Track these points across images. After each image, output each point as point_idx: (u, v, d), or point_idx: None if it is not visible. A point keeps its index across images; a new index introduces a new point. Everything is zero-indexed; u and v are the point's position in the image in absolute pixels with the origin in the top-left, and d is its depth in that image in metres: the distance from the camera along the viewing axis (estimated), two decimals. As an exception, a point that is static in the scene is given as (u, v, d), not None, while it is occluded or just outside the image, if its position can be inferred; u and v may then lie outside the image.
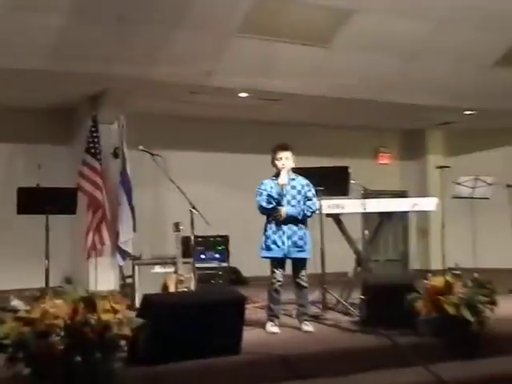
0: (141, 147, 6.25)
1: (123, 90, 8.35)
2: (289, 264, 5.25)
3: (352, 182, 6.40)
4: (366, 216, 6.98)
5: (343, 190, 6.34)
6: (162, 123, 9.64)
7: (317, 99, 8.93)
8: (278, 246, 5.15)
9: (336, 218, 6.52)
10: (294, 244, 5.18)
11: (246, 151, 9.69)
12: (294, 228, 5.19)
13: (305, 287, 5.28)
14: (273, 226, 5.18)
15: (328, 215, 6.38)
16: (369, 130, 11.34)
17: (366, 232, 6.76)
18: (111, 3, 6.62)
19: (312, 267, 5.85)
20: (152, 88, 8.34)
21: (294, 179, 5.33)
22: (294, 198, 5.24)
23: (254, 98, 8.82)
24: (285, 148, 5.32)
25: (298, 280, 5.25)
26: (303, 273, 5.26)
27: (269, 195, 5.18)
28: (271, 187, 5.24)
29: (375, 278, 6.17)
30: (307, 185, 5.37)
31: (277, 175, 5.27)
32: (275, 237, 5.15)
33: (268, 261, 5.26)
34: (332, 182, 6.19)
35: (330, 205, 6.29)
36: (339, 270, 6.74)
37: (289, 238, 5.16)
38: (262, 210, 5.22)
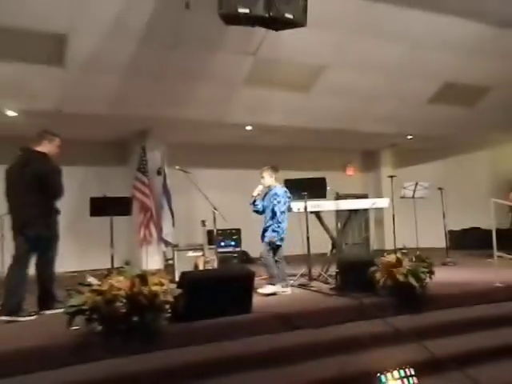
0: (177, 167, 6.24)
1: (163, 126, 8.32)
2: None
3: (328, 188, 6.38)
4: (339, 212, 6.72)
5: (322, 194, 6.34)
6: (192, 149, 9.54)
7: (300, 129, 8.90)
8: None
9: (317, 214, 6.49)
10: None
11: (251, 167, 8.74)
12: None
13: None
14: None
15: (311, 212, 6.34)
16: (339, 150, 11.32)
17: (339, 224, 6.72)
18: (150, 64, 6.54)
19: (301, 249, 5.85)
20: (185, 124, 8.32)
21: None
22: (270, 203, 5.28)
23: (255, 129, 8.79)
24: (264, 170, 5.35)
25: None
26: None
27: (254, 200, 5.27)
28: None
29: (346, 256, 6.17)
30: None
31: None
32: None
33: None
34: (313, 188, 6.21)
35: (312, 205, 6.25)
36: (320, 252, 6.42)
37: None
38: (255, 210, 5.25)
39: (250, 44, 6.55)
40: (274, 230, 5.27)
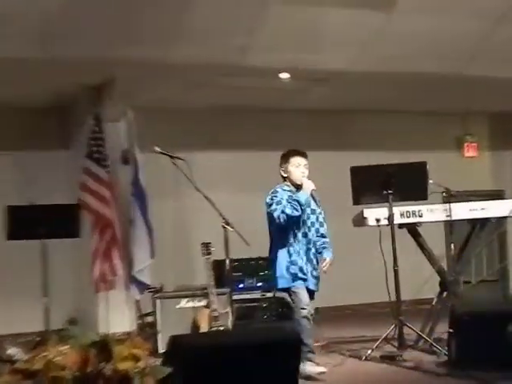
0: (157, 149, 6.16)
1: (131, 78, 8.19)
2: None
3: (430, 182, 6.37)
4: (452, 226, 6.68)
5: (420, 192, 6.34)
6: (183, 118, 9.51)
7: (375, 77, 8.73)
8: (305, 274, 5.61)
9: (412, 229, 6.52)
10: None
11: (284, 147, 9.20)
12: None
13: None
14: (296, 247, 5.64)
15: (401, 226, 6.40)
16: (448, 114, 11.06)
17: (453, 246, 6.71)
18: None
19: (383, 293, 5.90)
20: (169, 74, 8.27)
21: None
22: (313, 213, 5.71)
23: (294, 79, 8.74)
24: (304, 155, 5.73)
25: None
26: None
27: (295, 200, 5.50)
28: (289, 196, 5.63)
29: (467, 306, 6.08)
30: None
31: (295, 186, 5.60)
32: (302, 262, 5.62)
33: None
34: (405, 183, 6.27)
35: (403, 212, 6.30)
36: (418, 297, 6.57)
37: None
38: (287, 218, 5.50)
39: None
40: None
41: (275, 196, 5.60)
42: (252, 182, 9.42)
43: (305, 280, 5.55)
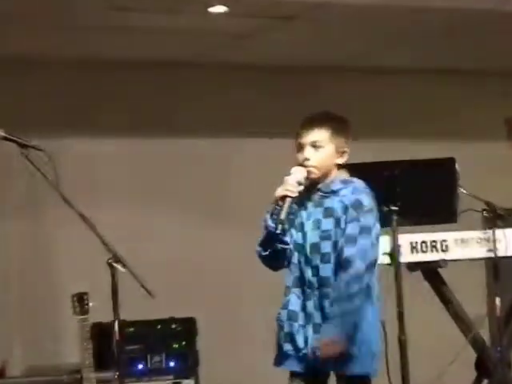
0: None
1: None
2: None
3: (463, 191, 5.94)
4: (497, 266, 6.38)
5: (445, 209, 6.02)
6: (42, 78, 8.77)
7: (375, 13, 8.08)
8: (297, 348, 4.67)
9: (430, 271, 6.04)
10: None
11: (226, 132, 8.88)
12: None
13: None
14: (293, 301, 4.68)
15: (412, 266, 5.90)
16: (487, 77, 10.45)
17: (498, 301, 6.30)
18: None
19: (380, 378, 5.10)
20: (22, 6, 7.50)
21: (333, 192, 4.76)
22: (317, 228, 4.73)
23: (235, 15, 8.10)
24: (312, 123, 4.77)
25: None
26: None
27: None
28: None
29: None
30: (358, 206, 4.71)
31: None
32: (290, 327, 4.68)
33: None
34: (420, 193, 5.94)
35: (416, 243, 5.92)
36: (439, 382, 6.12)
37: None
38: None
39: None
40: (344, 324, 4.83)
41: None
42: (161, 185, 8.77)
43: None
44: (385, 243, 5.65)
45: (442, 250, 6.08)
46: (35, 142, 5.13)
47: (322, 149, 4.72)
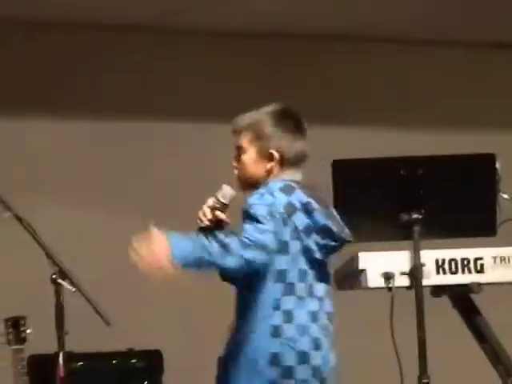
0: None
1: None
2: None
3: (505, 196, 5.58)
4: None
5: (481, 219, 5.68)
6: None
7: None
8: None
9: (461, 297, 5.71)
10: None
11: (203, 114, 8.41)
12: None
13: None
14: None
15: (436, 291, 5.51)
16: None
17: None
18: None
19: None
20: None
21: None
22: None
23: None
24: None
25: None
26: None
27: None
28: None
29: None
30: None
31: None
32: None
33: None
34: (450, 199, 5.65)
35: (442, 261, 5.55)
36: None
37: None
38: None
39: None
40: (281, 344, 5.10)
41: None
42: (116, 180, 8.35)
43: None
44: (403, 261, 5.51)
45: (476, 271, 5.68)
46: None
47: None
